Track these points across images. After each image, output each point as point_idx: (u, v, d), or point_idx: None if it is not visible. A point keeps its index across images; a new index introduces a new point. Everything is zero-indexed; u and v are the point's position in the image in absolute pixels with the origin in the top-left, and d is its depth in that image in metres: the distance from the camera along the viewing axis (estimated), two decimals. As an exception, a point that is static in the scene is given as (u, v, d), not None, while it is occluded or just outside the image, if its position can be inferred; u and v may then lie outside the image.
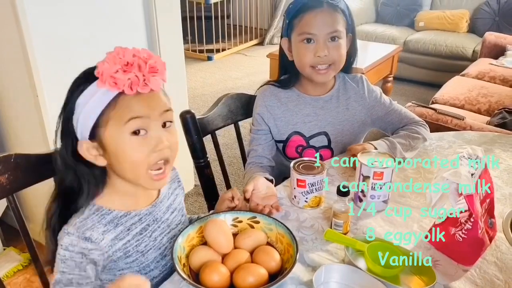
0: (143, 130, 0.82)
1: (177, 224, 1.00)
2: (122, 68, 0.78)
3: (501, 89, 2.95)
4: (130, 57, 0.78)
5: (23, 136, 1.92)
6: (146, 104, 0.81)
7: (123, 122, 0.80)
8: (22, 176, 1.00)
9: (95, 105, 0.80)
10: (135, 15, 2.00)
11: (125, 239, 0.88)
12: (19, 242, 2.08)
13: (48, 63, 1.68)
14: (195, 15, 5.05)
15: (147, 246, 0.92)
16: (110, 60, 0.78)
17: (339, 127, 1.36)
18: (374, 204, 1.10)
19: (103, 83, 0.78)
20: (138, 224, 0.91)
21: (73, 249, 0.82)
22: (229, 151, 3.03)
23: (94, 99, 0.79)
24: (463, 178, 0.90)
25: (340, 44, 1.27)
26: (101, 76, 0.77)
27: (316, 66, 1.27)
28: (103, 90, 0.79)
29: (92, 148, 0.83)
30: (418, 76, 4.26)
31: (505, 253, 0.96)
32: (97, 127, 0.81)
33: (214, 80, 4.56)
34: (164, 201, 0.97)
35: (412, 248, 0.98)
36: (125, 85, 0.77)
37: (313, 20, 1.23)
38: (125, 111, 0.80)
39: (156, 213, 0.95)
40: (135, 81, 0.78)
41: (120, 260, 0.88)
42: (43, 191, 1.41)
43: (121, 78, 0.77)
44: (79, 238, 0.83)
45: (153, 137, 0.82)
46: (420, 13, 4.50)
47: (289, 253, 0.89)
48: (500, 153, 1.40)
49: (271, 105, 1.36)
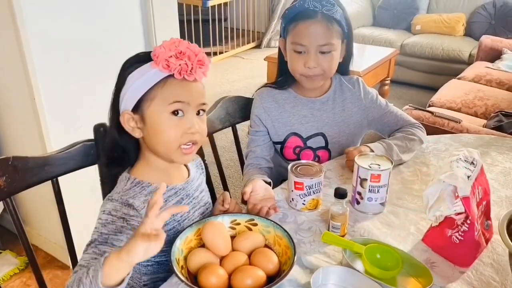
0: (181, 112, 0.91)
1: (205, 203, 1.08)
2: (176, 55, 0.87)
3: (497, 92, 2.96)
4: (184, 47, 0.88)
5: (20, 138, 1.92)
6: (189, 92, 0.91)
7: (168, 102, 0.90)
8: (19, 179, 1.00)
9: (146, 82, 0.89)
10: (133, 18, 2.01)
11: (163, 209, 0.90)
12: (15, 245, 2.08)
13: (46, 66, 1.68)
14: (192, 18, 5.05)
15: (182, 216, 1.00)
16: (166, 46, 0.87)
17: (336, 128, 1.37)
18: (371, 206, 1.10)
19: (156, 64, 0.87)
20: (174, 197, 0.99)
21: (116, 214, 0.88)
22: (226, 154, 3.03)
23: (146, 77, 0.89)
24: (459, 180, 0.90)
25: (332, 55, 1.27)
26: (156, 58, 0.87)
27: (304, 75, 1.29)
28: (155, 70, 0.88)
29: (132, 120, 0.92)
30: (415, 79, 4.28)
31: (501, 255, 0.97)
32: (143, 101, 0.90)
33: (211, 83, 4.56)
34: (194, 180, 1.06)
35: (409, 250, 0.98)
36: (175, 70, 0.87)
37: (305, 31, 1.23)
38: (171, 93, 0.89)
39: (189, 190, 1.03)
40: (184, 68, 0.88)
41: None
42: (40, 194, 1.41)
43: (174, 63, 0.87)
44: (122, 204, 0.90)
45: (188, 120, 0.92)
46: (416, 17, 4.52)
47: (287, 255, 0.89)
48: (496, 155, 1.41)
49: (268, 106, 1.36)
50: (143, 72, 0.89)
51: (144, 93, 0.90)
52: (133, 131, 0.93)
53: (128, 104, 0.92)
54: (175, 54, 0.87)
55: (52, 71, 1.71)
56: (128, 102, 0.91)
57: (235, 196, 2.71)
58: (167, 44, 0.87)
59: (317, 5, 1.22)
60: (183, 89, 0.90)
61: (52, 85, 1.71)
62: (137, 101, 0.91)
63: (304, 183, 1.09)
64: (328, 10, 1.22)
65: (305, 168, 1.12)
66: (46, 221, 2.02)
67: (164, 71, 0.88)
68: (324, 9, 1.22)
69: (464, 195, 0.90)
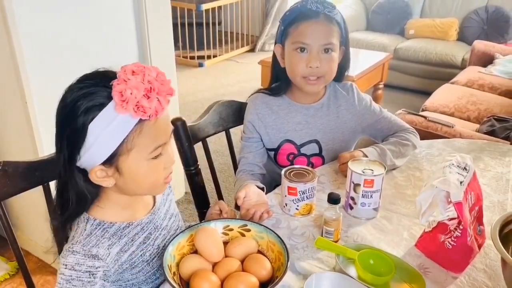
0: (161, 153, 0.83)
1: (175, 229, 1.00)
2: (146, 95, 0.74)
3: (489, 97, 2.98)
4: (151, 79, 0.76)
5: (11, 143, 1.90)
6: (166, 130, 0.82)
7: (148, 151, 0.80)
8: (10, 183, 0.99)
9: (116, 132, 0.76)
10: (126, 22, 2.00)
11: (130, 250, 0.88)
12: (6, 251, 2.05)
13: (38, 69, 1.67)
14: (186, 22, 5.06)
15: (151, 255, 0.92)
16: (133, 85, 0.73)
17: (330, 135, 1.37)
18: (364, 211, 1.10)
19: (125, 110, 0.73)
20: (140, 233, 0.90)
21: (80, 269, 0.80)
22: (220, 158, 3.02)
23: (114, 126, 0.75)
24: (452, 186, 0.90)
25: (333, 56, 1.27)
26: (123, 102, 0.73)
27: (307, 76, 1.28)
28: (123, 116, 0.74)
29: (102, 171, 0.80)
30: (408, 83, 4.30)
31: (494, 260, 0.97)
32: (117, 154, 0.78)
33: (205, 86, 4.56)
34: (161, 208, 0.97)
35: (402, 256, 0.98)
36: (151, 113, 0.75)
37: (308, 30, 1.23)
38: (151, 139, 0.79)
39: (156, 221, 0.94)
40: (158, 107, 0.76)
41: (126, 271, 0.88)
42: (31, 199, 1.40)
43: (148, 106, 0.74)
44: (85, 256, 0.81)
45: (168, 155, 0.84)
46: (410, 21, 4.54)
47: (280, 261, 0.89)
48: (489, 160, 1.42)
49: (262, 113, 1.36)
50: (108, 120, 0.74)
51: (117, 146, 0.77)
52: (103, 182, 0.81)
53: (95, 159, 0.78)
54: (146, 94, 0.74)
55: (44, 74, 1.70)
56: (95, 157, 0.78)
57: (229, 201, 2.70)
58: (132, 82, 0.73)
59: (319, 6, 1.23)
60: (160, 129, 0.80)
61: (44, 89, 1.69)
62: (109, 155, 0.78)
63: (297, 188, 1.08)
64: (330, 11, 1.24)
65: (299, 173, 1.12)
66: (37, 226, 2.00)
67: (137, 117, 0.74)
68: (326, 10, 1.23)
69: (457, 200, 0.90)
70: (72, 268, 0.80)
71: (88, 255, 0.81)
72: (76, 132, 0.76)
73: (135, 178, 0.82)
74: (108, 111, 0.74)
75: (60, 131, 0.79)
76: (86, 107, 0.75)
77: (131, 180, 0.82)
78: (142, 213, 0.92)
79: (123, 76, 0.74)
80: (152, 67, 0.78)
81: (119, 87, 0.73)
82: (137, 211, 0.92)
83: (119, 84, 0.73)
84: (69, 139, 0.77)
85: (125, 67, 0.76)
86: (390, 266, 0.88)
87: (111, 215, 0.87)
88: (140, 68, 0.76)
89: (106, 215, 0.87)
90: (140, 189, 0.86)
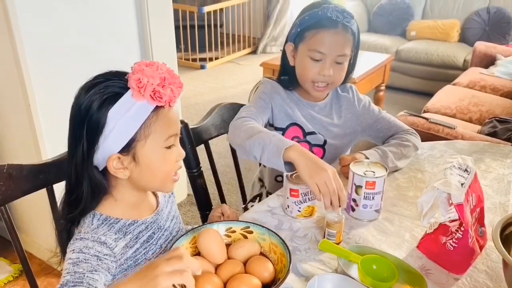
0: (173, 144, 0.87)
1: (176, 231, 1.01)
2: (161, 83, 0.79)
3: (491, 98, 2.98)
4: (165, 72, 0.81)
5: (15, 146, 1.91)
6: (177, 121, 0.86)
7: (164, 138, 0.83)
8: (14, 186, 0.99)
9: (134, 118, 0.80)
10: (128, 24, 2.01)
11: (134, 247, 0.89)
12: (10, 253, 2.07)
13: (41, 73, 1.68)
14: (188, 24, 5.07)
15: (154, 254, 0.93)
16: (150, 74, 0.78)
17: (332, 131, 1.39)
18: (366, 213, 1.11)
19: (143, 96, 0.78)
20: (145, 232, 0.92)
21: (88, 252, 0.79)
22: (222, 160, 3.03)
23: (132, 112, 0.79)
24: (453, 187, 0.91)
25: (344, 66, 1.30)
26: (141, 88, 0.77)
27: (317, 82, 1.29)
28: (141, 103, 0.79)
29: (118, 162, 0.83)
30: (410, 85, 4.30)
31: (495, 262, 0.97)
32: (135, 140, 0.81)
33: (207, 89, 4.57)
34: (164, 209, 0.99)
35: (404, 257, 0.98)
36: (166, 100, 0.80)
37: (326, 39, 1.25)
38: (165, 127, 0.83)
39: (160, 221, 0.96)
40: (172, 96, 0.81)
41: (129, 269, 0.88)
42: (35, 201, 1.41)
43: (164, 93, 0.79)
44: (94, 241, 0.81)
45: (177, 149, 0.88)
46: (411, 23, 4.54)
47: (282, 263, 0.89)
48: (490, 162, 1.42)
49: (274, 97, 1.36)
50: (126, 107, 0.79)
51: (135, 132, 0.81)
52: (117, 172, 0.83)
53: (114, 146, 0.81)
54: (161, 82, 0.79)
55: (47, 78, 1.71)
56: (114, 144, 0.81)
57: (231, 203, 2.71)
58: (148, 71, 0.78)
59: (339, 16, 1.24)
60: (173, 119, 0.85)
61: (47, 92, 1.70)
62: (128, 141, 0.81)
63: (299, 190, 1.09)
64: (348, 21, 1.25)
65: (301, 175, 1.12)
66: (40, 229, 2.01)
67: (153, 103, 0.79)
68: (344, 20, 1.24)
69: (458, 202, 0.91)
70: (80, 251, 0.79)
71: (97, 241, 0.81)
72: (95, 121, 0.79)
73: (150, 167, 0.85)
74: (126, 99, 0.79)
75: (78, 124, 0.81)
76: (104, 97, 0.79)
77: (147, 169, 0.85)
78: (146, 213, 0.94)
79: (138, 68, 0.79)
80: (163, 63, 0.83)
81: (136, 75, 0.78)
82: (142, 210, 0.93)
83: (135, 74, 0.78)
84: (88, 129, 0.80)
85: (139, 62, 0.80)
86: (393, 271, 0.88)
87: (118, 212, 0.88)
88: (152, 62, 0.81)
89: (112, 211, 0.88)
90: (153, 181, 0.88)
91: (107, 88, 0.80)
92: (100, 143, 0.80)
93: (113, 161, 0.82)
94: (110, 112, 0.79)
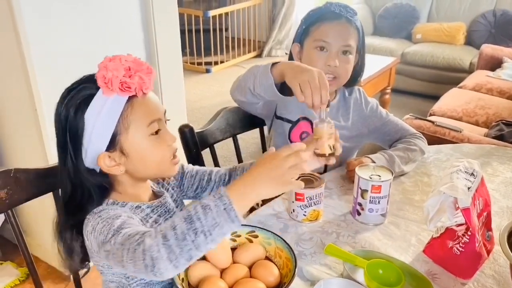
0: (159, 129, 0.87)
1: None
2: (127, 74, 0.81)
3: (498, 101, 2.96)
4: (129, 62, 0.82)
5: (22, 150, 1.92)
6: (156, 107, 0.87)
7: (145, 125, 0.84)
8: (21, 190, 1.00)
9: (110, 114, 0.81)
10: (134, 28, 2.02)
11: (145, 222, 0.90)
12: (16, 256, 2.07)
13: (47, 77, 1.69)
14: (193, 28, 5.09)
15: None
16: (112, 68, 0.80)
17: (340, 132, 1.38)
18: (372, 217, 1.10)
19: (111, 91, 0.80)
20: (151, 214, 0.92)
21: (114, 213, 0.81)
22: (227, 164, 3.03)
23: (106, 109, 0.81)
24: (459, 192, 0.90)
25: (350, 59, 1.31)
26: (108, 83, 0.79)
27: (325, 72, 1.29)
28: (112, 97, 0.81)
29: (109, 159, 0.85)
30: (416, 88, 4.28)
31: (502, 266, 0.96)
32: (117, 135, 0.83)
33: (213, 92, 4.58)
34: (167, 197, 0.99)
35: (410, 262, 0.98)
36: (136, 88, 0.81)
37: (330, 30, 1.28)
38: (144, 113, 0.84)
39: (167, 205, 0.97)
40: (141, 83, 0.82)
41: None
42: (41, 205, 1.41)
43: (132, 82, 0.80)
44: (114, 210, 0.83)
45: (166, 132, 0.88)
46: (417, 26, 4.53)
47: (288, 267, 0.89)
48: (497, 165, 1.41)
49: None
50: (99, 105, 0.81)
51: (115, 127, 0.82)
52: (112, 170, 0.86)
53: (99, 145, 0.83)
54: (126, 73, 0.81)
55: (53, 82, 1.71)
56: (98, 143, 0.83)
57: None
58: (111, 65, 0.80)
59: (342, 10, 1.29)
60: (151, 106, 0.85)
61: (53, 95, 1.70)
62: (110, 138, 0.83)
63: (304, 194, 1.09)
64: (351, 16, 1.30)
65: (306, 179, 1.12)
66: (47, 232, 2.01)
67: (124, 95, 0.81)
68: (348, 14, 1.29)
69: (465, 206, 0.90)
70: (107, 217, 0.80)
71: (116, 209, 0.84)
72: (74, 126, 0.82)
73: (141, 156, 0.86)
74: (97, 98, 0.81)
75: (62, 134, 0.84)
76: (78, 102, 0.82)
77: (138, 159, 0.86)
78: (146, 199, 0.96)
79: (102, 65, 0.81)
80: (128, 55, 0.84)
81: (101, 73, 0.80)
82: (142, 197, 0.95)
83: (100, 71, 0.80)
84: (71, 136, 0.82)
85: (103, 60, 0.82)
86: (399, 276, 0.87)
87: (121, 197, 0.90)
88: (115, 56, 0.82)
89: (116, 197, 0.90)
90: (149, 169, 0.89)
91: (79, 93, 0.82)
92: (85, 146, 0.83)
93: (103, 160, 0.84)
94: (86, 114, 0.81)
